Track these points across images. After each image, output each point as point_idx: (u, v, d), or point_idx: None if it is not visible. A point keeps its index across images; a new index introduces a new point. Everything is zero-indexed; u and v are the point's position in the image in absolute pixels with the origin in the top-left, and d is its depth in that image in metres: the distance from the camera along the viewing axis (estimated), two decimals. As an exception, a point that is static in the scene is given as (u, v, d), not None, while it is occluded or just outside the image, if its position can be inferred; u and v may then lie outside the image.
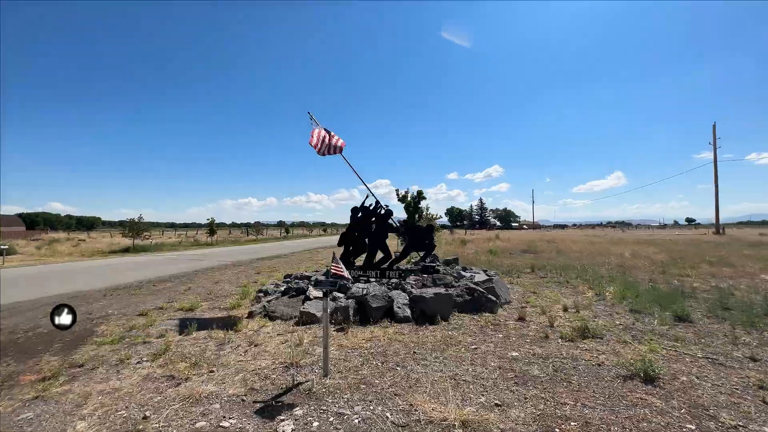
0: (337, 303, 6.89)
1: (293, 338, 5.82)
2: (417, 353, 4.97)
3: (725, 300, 7.30)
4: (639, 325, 6.24)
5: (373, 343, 5.49)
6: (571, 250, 19.65)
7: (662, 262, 13.85)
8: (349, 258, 9.84)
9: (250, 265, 15.74)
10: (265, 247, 27.54)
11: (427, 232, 9.49)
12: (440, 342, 5.47)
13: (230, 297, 9.27)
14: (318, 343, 5.58)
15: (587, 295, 8.75)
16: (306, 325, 6.54)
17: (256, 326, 6.61)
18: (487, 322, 6.39)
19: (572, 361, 4.64)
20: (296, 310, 7.16)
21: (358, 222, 9.56)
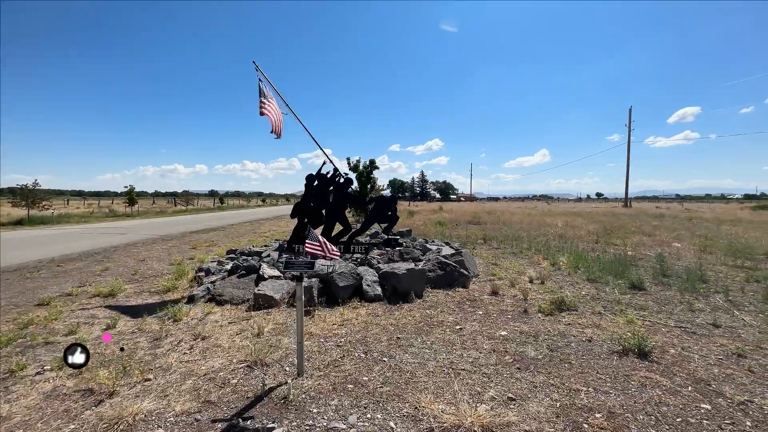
0: None
1: (250, 327, 4.91)
2: (401, 338, 4.41)
3: (663, 267, 7.81)
4: (602, 294, 6.34)
5: (347, 328, 4.80)
6: (512, 222, 20.53)
7: (595, 233, 14.90)
8: (304, 231, 8.89)
9: (182, 240, 13.89)
10: (198, 219, 24.91)
11: (391, 202, 8.83)
12: (421, 323, 4.96)
13: (162, 277, 7.86)
14: (283, 331, 4.74)
15: (543, 265, 8.92)
16: (263, 310, 5.62)
17: (201, 314, 5.54)
18: (463, 298, 6.05)
19: (562, 338, 4.41)
20: (249, 292, 6.17)
21: (316, 191, 8.57)
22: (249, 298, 6.04)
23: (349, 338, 4.46)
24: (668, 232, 15.63)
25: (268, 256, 7.68)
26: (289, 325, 4.95)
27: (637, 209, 34.30)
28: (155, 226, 18.85)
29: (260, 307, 5.70)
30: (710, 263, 8.89)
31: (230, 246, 12.09)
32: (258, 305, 5.73)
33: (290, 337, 4.54)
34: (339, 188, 8.58)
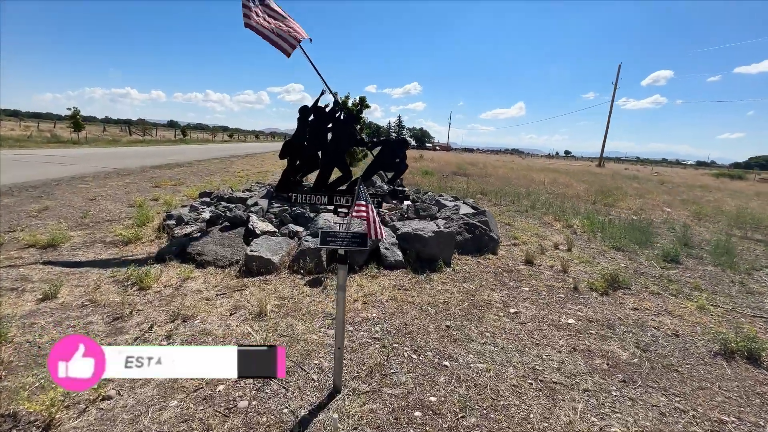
0: (302, 243, 4.77)
1: (247, 302, 3.70)
2: (452, 328, 3.40)
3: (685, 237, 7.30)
4: (641, 267, 5.67)
5: (376, 309, 3.72)
6: (497, 175, 19.79)
7: (589, 193, 14.43)
8: (296, 175, 7.41)
9: (142, 175, 11.85)
10: (158, 152, 22.06)
11: (399, 147, 7.43)
12: (465, 302, 3.97)
13: (120, 223, 6.28)
14: (293, 311, 3.58)
15: (557, 226, 8.23)
16: (258, 276, 4.38)
17: (177, 278, 4.22)
18: (498, 268, 5.12)
19: (642, 330, 3.60)
20: (237, 252, 4.86)
21: (311, 128, 6.98)
22: (238, 259, 4.75)
23: (384, 325, 3.39)
24: (655, 196, 15.51)
25: (255, 204, 6.25)
26: (298, 302, 3.79)
27: (610, 170, 34.80)
28: (107, 157, 16.26)
29: (254, 272, 4.45)
30: (715, 232, 8.52)
31: (201, 186, 10.34)
32: (250, 269, 4.47)
33: (304, 321, 3.40)
34: (340, 125, 7.05)
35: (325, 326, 3.35)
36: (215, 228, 5.42)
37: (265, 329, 3.22)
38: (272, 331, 3.20)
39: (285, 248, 4.82)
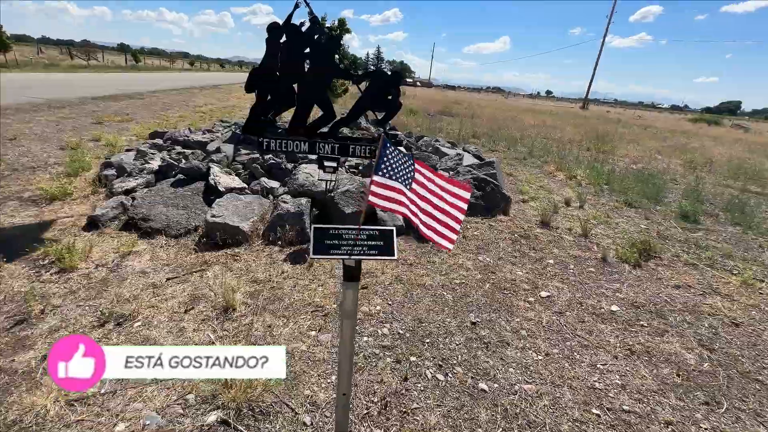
0: (279, 206, 3.76)
1: (208, 291, 2.78)
2: (478, 324, 2.67)
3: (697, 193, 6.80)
4: (661, 228, 5.11)
5: (378, 296, 2.93)
6: (485, 115, 18.63)
7: (581, 137, 13.70)
8: (267, 114, 6.09)
9: (81, 108, 9.92)
10: (104, 80, 19.02)
11: (392, 81, 6.14)
12: (486, 283, 3.24)
13: (45, 171, 4.97)
14: (272, 301, 2.71)
15: (560, 177, 7.56)
16: (223, 249, 3.42)
17: (114, 253, 3.20)
18: (513, 233, 4.38)
19: (697, 320, 3.02)
20: (195, 214, 3.81)
21: (284, 52, 5.53)
22: (197, 225, 3.72)
23: (394, 324, 2.60)
24: (644, 142, 15.02)
25: (217, 151, 5.03)
26: (277, 288, 2.92)
27: (594, 112, 34.04)
28: (40, 85, 13.67)
29: (218, 243, 3.47)
30: (714, 185, 8.11)
31: (154, 125, 8.74)
32: (214, 240, 3.48)
33: (287, 320, 2.56)
34: (319, 51, 5.62)
35: (315, 326, 2.52)
36: (166, 182, 4.27)
37: (233, 335, 2.36)
38: (244, 339, 2.34)
39: (257, 210, 3.81)
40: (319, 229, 1.36)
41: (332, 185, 3.98)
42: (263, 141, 5.07)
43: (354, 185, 4.08)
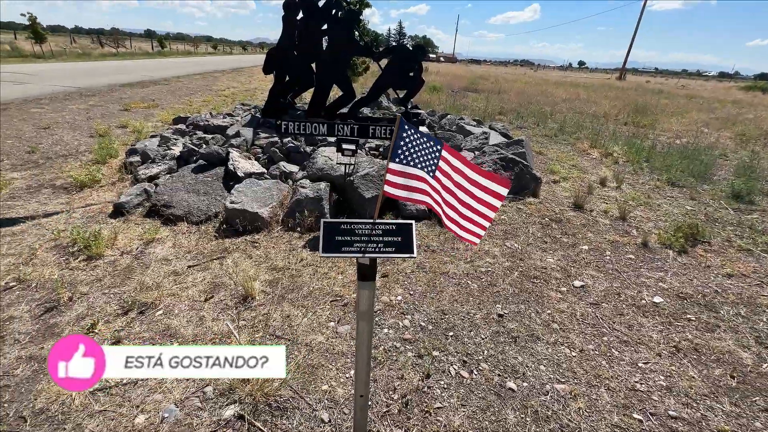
0: (297, 190, 3.68)
1: (228, 279, 2.76)
2: (505, 317, 2.51)
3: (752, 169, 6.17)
4: (710, 210, 4.68)
5: (399, 285, 2.82)
6: (513, 90, 17.70)
7: (618, 110, 12.78)
8: (286, 95, 5.98)
9: (109, 95, 10.16)
10: (133, 66, 19.46)
11: (414, 57, 5.84)
12: (514, 271, 3.07)
13: (76, 159, 5.11)
14: (291, 290, 2.66)
15: (595, 155, 7.09)
16: (243, 236, 3.39)
17: (138, 240, 3.24)
18: (543, 216, 4.14)
19: (753, 313, 2.74)
20: (215, 200, 3.79)
21: (301, 31, 5.35)
22: (217, 211, 3.71)
23: (416, 316, 2.48)
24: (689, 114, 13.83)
25: (237, 135, 4.98)
26: (296, 276, 2.87)
27: (632, 83, 31.73)
28: (72, 74, 14.11)
29: (237, 230, 3.44)
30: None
31: (178, 109, 8.83)
32: (234, 227, 3.46)
33: (305, 310, 2.50)
34: (337, 27, 5.38)
35: (334, 317, 2.45)
36: (187, 168, 4.27)
37: (251, 326, 2.32)
38: (262, 329, 2.30)
39: (276, 196, 3.74)
40: (330, 224, 1.23)
41: (351, 169, 3.85)
42: (281, 124, 5.00)
43: (374, 168, 3.92)
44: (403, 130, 1.22)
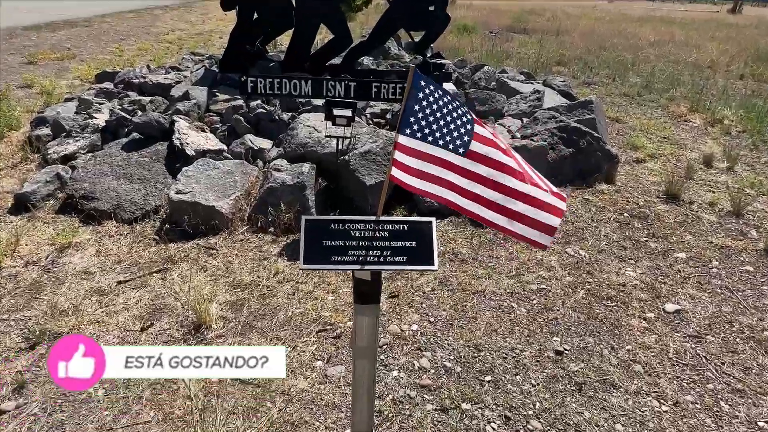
0: (270, 175, 3.71)
1: (170, 297, 2.82)
2: (566, 354, 2.53)
3: None
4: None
5: (414, 308, 2.86)
6: (576, 29, 17.51)
7: (732, 58, 12.59)
8: (253, 40, 6.01)
9: (7, 43, 10.27)
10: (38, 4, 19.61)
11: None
12: (576, 288, 3.10)
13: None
14: (262, 315, 2.67)
15: (697, 122, 7.03)
16: (194, 239, 3.47)
17: (48, 246, 3.34)
18: (620, 209, 4.21)
19: None
20: (154, 190, 3.87)
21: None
22: (158, 205, 3.79)
23: (437, 354, 2.50)
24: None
25: (185, 97, 5.03)
26: (267, 295, 2.96)
27: (752, 18, 31.18)
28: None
29: (186, 231, 3.53)
30: None
31: (103, 61, 8.94)
32: (180, 226, 3.54)
33: (285, 345, 2.52)
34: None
35: (322, 355, 2.48)
36: (116, 145, 4.36)
37: None
38: None
39: (240, 183, 3.80)
40: (314, 223, 1.24)
41: (347, 144, 3.90)
42: (248, 81, 5.01)
43: (379, 143, 3.95)
44: (419, 88, 1.21)
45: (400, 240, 1.28)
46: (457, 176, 1.28)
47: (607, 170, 4.59)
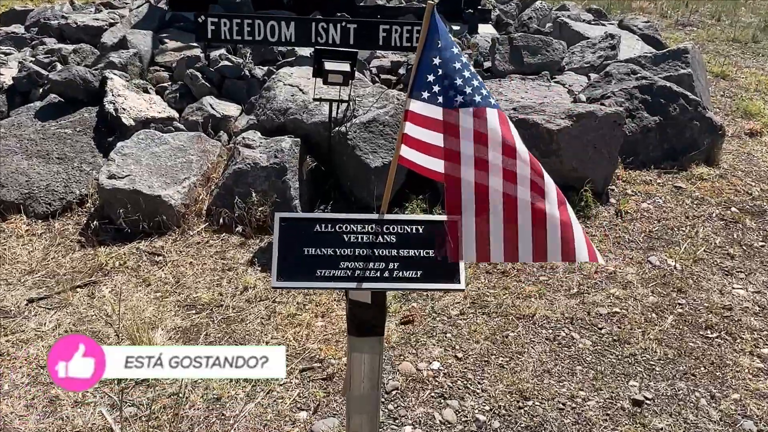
0: (238, 155, 3.79)
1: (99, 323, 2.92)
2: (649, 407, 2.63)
3: None
4: None
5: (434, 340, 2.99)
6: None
7: None
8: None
9: None
10: None
11: None
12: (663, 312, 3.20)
13: None
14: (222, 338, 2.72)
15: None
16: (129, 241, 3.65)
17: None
18: (724, 202, 4.31)
19: None
20: (78, 173, 4.12)
21: None
22: (84, 193, 3.98)
23: (468, 401, 2.57)
24: None
25: (122, 45, 5.20)
26: (238, 318, 3.05)
27: None
28: None
29: (122, 229, 3.68)
30: None
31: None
32: (114, 224, 3.70)
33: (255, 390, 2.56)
34: None
35: (306, 403, 2.54)
36: (28, 111, 4.56)
37: (148, 416, 2.38)
38: (167, 424, 2.35)
39: (197, 164, 4.01)
40: (291, 223, 1.28)
41: (344, 110, 3.99)
42: (207, 22, 5.08)
43: (388, 109, 4.09)
44: (438, 31, 1.22)
45: (413, 247, 1.30)
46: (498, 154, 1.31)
47: (708, 147, 4.70)
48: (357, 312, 1.31)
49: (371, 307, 1.30)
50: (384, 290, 1.32)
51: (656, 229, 3.87)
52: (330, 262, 1.26)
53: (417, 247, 1.29)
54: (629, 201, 4.27)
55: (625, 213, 4.18)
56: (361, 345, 1.34)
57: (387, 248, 1.29)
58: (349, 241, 1.28)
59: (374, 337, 1.34)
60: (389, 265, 1.28)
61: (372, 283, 1.27)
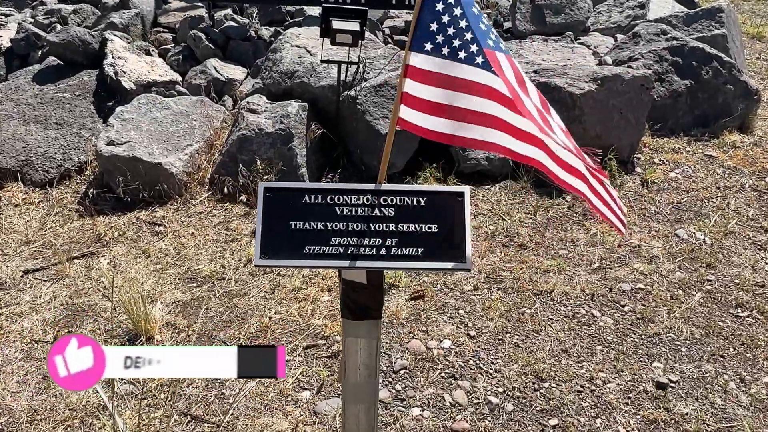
0: (242, 121, 3.79)
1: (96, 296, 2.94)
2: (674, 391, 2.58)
3: None
4: None
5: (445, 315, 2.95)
6: None
7: None
8: None
9: None
10: None
11: None
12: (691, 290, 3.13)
13: None
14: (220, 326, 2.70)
15: None
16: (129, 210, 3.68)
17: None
18: (761, 173, 4.22)
19: None
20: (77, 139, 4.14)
21: None
22: (83, 161, 3.99)
23: (480, 381, 2.54)
24: None
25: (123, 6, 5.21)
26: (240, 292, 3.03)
27: None
28: None
29: (121, 198, 3.70)
30: None
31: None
32: (113, 192, 3.71)
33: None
34: None
35: (310, 382, 2.51)
36: (25, 74, 4.57)
37: (143, 393, 2.38)
38: (164, 402, 2.34)
39: (200, 130, 4.03)
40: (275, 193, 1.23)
41: (353, 73, 3.95)
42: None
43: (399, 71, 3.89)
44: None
45: (413, 221, 1.23)
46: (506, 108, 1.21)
47: (742, 113, 4.68)
48: (351, 293, 1.25)
49: (367, 287, 1.24)
50: (380, 269, 1.24)
51: (685, 201, 3.81)
52: (320, 238, 1.20)
53: (418, 221, 1.22)
54: (656, 170, 4.22)
55: (652, 183, 4.16)
56: (356, 329, 1.29)
57: (384, 222, 1.23)
58: (341, 214, 1.22)
59: (371, 321, 1.28)
60: (386, 242, 1.21)
61: (367, 262, 1.21)
